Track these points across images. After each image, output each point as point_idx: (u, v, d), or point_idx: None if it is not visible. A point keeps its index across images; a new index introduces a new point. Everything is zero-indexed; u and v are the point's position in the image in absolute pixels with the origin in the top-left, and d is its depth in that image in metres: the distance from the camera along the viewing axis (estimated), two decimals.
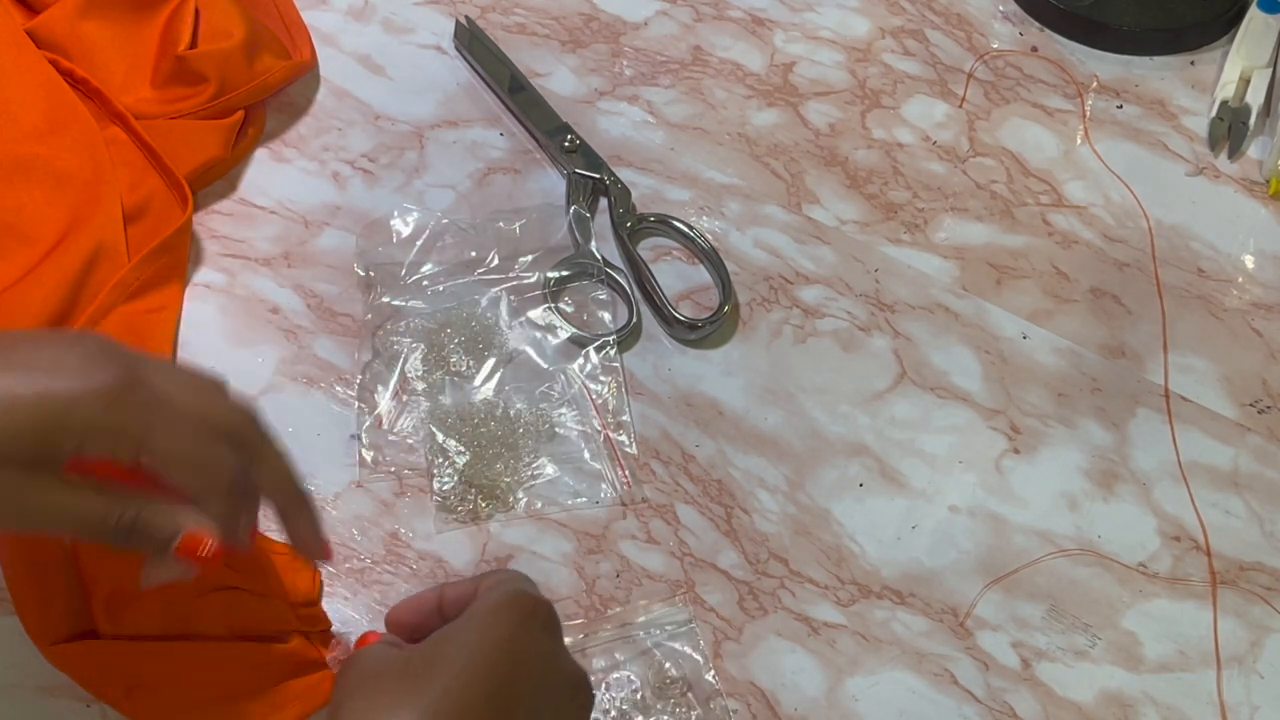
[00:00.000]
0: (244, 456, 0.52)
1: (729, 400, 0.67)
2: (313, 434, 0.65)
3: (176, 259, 0.69)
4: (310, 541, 0.55)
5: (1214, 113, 0.78)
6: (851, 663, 0.60)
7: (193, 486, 0.50)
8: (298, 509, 0.54)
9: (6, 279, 0.66)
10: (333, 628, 0.59)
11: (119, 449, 0.49)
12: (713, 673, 0.59)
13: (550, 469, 0.65)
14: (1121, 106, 0.80)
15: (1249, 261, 0.73)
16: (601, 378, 0.67)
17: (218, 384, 0.53)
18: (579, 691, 0.52)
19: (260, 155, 0.75)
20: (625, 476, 0.65)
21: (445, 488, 0.64)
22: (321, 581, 0.61)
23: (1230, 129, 0.77)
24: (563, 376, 0.67)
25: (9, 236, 0.67)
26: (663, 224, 0.73)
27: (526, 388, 0.67)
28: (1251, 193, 0.76)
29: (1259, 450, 0.67)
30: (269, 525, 0.62)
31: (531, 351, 0.68)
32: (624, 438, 0.66)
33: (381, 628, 0.55)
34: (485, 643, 0.49)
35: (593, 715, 0.58)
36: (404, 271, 0.70)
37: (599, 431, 0.66)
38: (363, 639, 0.55)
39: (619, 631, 0.60)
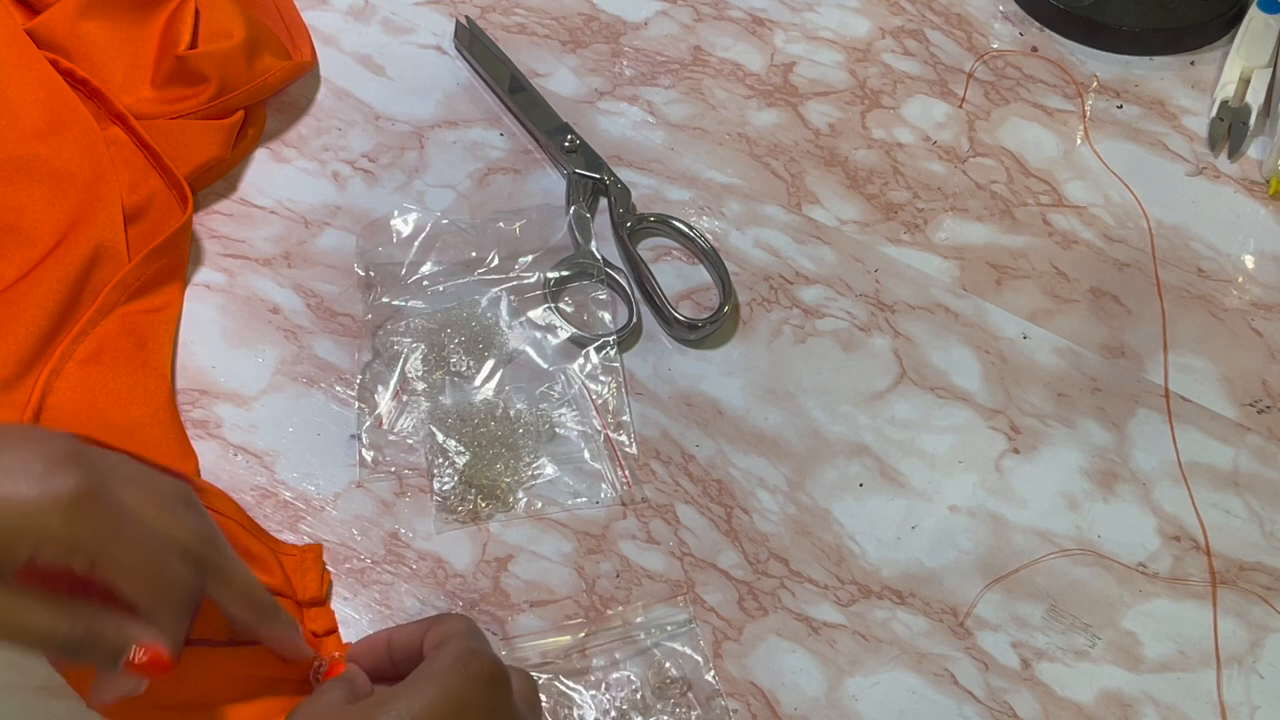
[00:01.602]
0: (201, 575, 0.52)
1: (729, 400, 0.68)
2: (313, 434, 0.65)
3: (177, 259, 0.69)
4: (291, 649, 0.55)
5: (1214, 113, 0.78)
6: (851, 663, 0.60)
7: (143, 602, 0.50)
8: (269, 622, 0.54)
9: (6, 279, 0.66)
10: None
11: (73, 559, 0.49)
12: (713, 673, 0.59)
13: (550, 469, 0.65)
14: (1121, 106, 0.80)
15: (1249, 261, 0.73)
16: (601, 378, 0.67)
17: (183, 496, 0.53)
18: None
19: (260, 155, 0.75)
20: (625, 476, 0.65)
21: (445, 488, 0.64)
22: (331, 581, 0.60)
23: (1230, 129, 0.77)
24: (563, 376, 0.67)
25: (9, 236, 0.67)
26: (663, 224, 0.73)
27: (526, 388, 0.67)
28: (1251, 193, 0.76)
29: (1259, 450, 0.67)
30: (273, 526, 0.62)
31: (531, 351, 0.68)
32: (624, 438, 0.66)
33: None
34: (427, 710, 0.49)
35: (593, 715, 0.58)
36: (404, 271, 0.70)
37: (599, 431, 0.66)
38: (331, 667, 0.56)
39: (619, 631, 0.60)
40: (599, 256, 0.71)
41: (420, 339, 0.68)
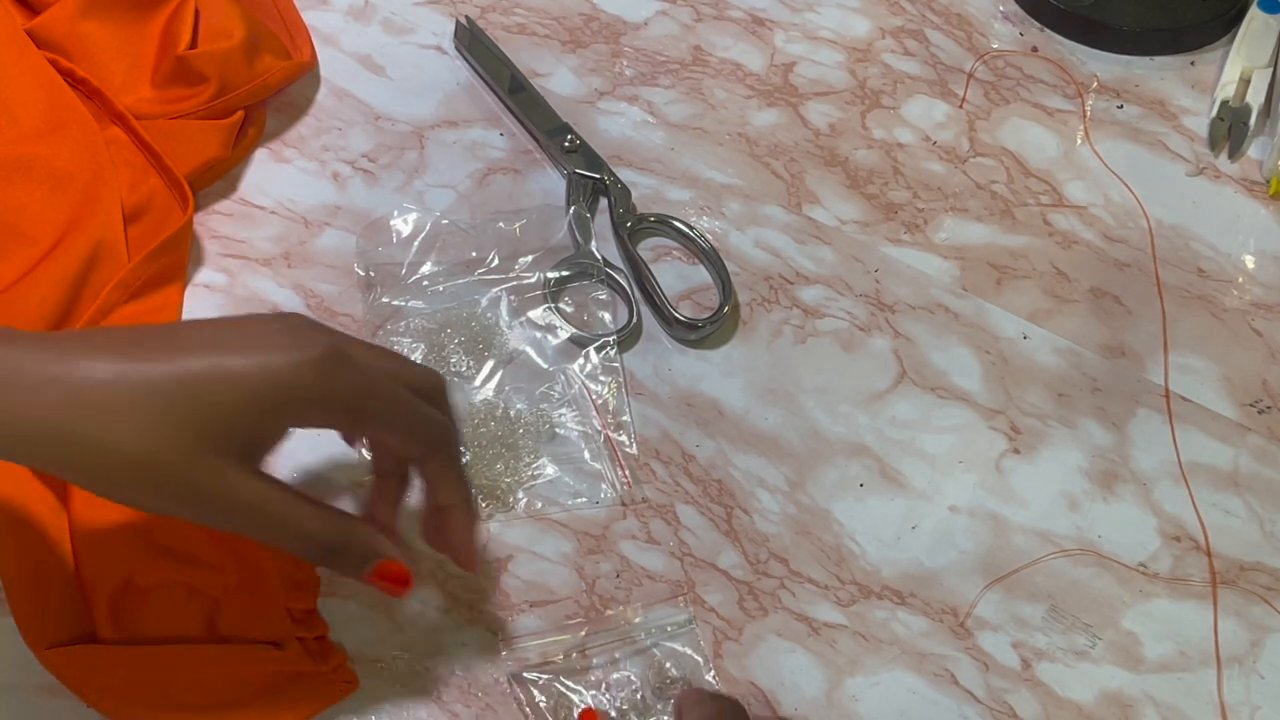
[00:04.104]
0: (444, 411, 0.54)
1: (729, 400, 0.67)
2: (313, 434, 0.65)
3: (177, 259, 0.69)
4: (465, 541, 0.57)
5: (1214, 113, 0.78)
6: (851, 663, 0.60)
7: (415, 448, 0.53)
8: (466, 497, 0.56)
9: (6, 279, 0.66)
10: (330, 632, 0.59)
11: (335, 418, 0.51)
12: (713, 673, 0.59)
13: (550, 469, 0.64)
14: (1122, 106, 0.80)
15: (1249, 261, 0.73)
16: (601, 378, 0.67)
17: (401, 355, 0.56)
18: None
19: (260, 155, 0.75)
20: (625, 476, 0.65)
21: None
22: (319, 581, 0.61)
23: (1230, 129, 0.77)
24: (563, 377, 0.67)
25: (9, 236, 0.67)
26: (663, 224, 0.73)
27: (526, 388, 0.67)
28: (1251, 193, 0.76)
29: (1259, 450, 0.67)
30: None
31: (531, 352, 0.68)
32: (624, 438, 0.66)
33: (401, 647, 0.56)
34: None
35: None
36: (404, 271, 0.70)
37: (599, 432, 0.66)
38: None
39: (619, 631, 0.60)
40: (599, 256, 0.71)
41: (420, 339, 0.68)
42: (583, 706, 0.57)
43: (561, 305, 0.70)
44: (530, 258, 0.71)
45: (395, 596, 0.55)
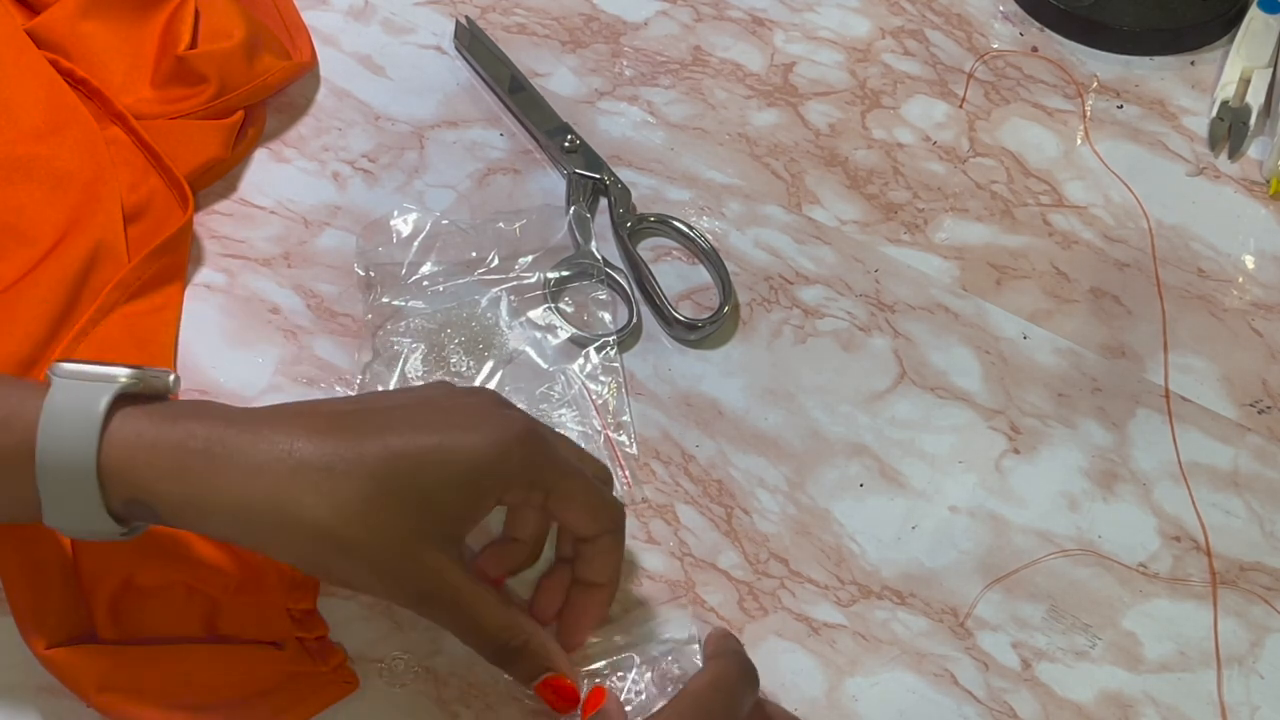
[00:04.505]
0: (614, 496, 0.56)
1: (729, 400, 0.67)
2: None
3: (177, 259, 0.69)
4: (595, 621, 0.57)
5: (1214, 113, 0.78)
6: (851, 663, 0.60)
7: (594, 529, 0.54)
8: (617, 579, 0.57)
9: (6, 279, 0.66)
10: (330, 632, 0.59)
11: (532, 495, 0.52)
12: None
13: None
14: (1121, 106, 0.80)
15: (1249, 261, 0.73)
16: (601, 378, 0.67)
17: (571, 439, 0.58)
18: None
19: (260, 155, 0.75)
20: (625, 477, 0.65)
21: None
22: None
23: (1230, 129, 0.77)
24: (563, 377, 0.67)
25: (9, 236, 0.67)
26: (663, 224, 0.73)
27: (526, 388, 0.67)
28: (1251, 193, 0.76)
29: (1259, 450, 0.67)
30: None
31: (531, 352, 0.68)
32: (624, 438, 0.66)
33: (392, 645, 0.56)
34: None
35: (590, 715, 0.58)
36: (404, 271, 0.70)
37: (599, 432, 0.66)
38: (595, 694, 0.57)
39: (619, 632, 0.60)
40: (599, 256, 0.71)
41: (420, 339, 0.68)
42: (593, 685, 0.57)
43: (561, 305, 0.70)
44: (530, 258, 0.71)
45: (558, 711, 0.55)
